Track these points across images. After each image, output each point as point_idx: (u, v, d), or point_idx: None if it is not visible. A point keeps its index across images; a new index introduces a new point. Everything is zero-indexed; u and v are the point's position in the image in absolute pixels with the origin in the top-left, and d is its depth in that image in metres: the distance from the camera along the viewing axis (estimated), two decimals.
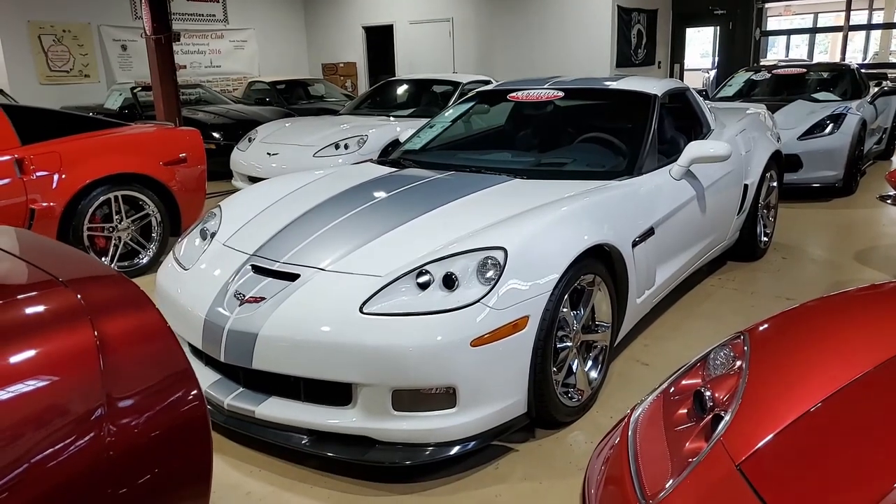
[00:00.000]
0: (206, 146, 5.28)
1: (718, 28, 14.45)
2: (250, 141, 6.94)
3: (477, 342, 2.18)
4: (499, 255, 2.33)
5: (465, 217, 2.73)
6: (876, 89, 7.95)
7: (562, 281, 2.41)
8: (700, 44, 18.90)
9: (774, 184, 4.77)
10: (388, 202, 3.00)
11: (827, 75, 8.08)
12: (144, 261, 4.73)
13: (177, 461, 1.41)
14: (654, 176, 3.31)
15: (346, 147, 6.32)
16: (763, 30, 14.40)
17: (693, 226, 3.55)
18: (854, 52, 19.07)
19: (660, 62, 13.82)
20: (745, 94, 8.09)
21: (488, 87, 4.42)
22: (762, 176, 4.40)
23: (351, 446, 2.30)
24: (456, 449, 2.26)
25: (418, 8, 13.63)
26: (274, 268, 2.56)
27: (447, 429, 2.23)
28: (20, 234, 2.00)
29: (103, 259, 4.51)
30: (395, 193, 3.09)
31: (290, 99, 11.35)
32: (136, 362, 1.38)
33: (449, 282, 2.28)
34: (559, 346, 2.53)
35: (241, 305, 2.43)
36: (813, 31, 21.50)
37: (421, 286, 2.30)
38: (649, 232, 3.06)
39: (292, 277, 2.48)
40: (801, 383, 1.41)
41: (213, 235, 2.95)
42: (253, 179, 6.21)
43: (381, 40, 14.36)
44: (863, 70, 8.27)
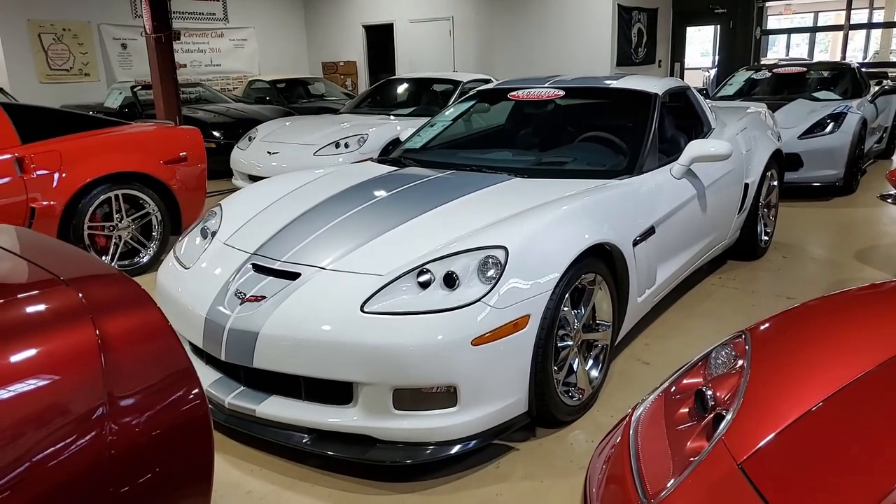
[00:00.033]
0: (207, 145, 5.28)
1: (719, 27, 14.47)
2: (250, 140, 6.94)
3: (478, 341, 2.18)
4: (500, 254, 2.33)
5: (465, 216, 2.73)
6: (876, 88, 7.95)
7: (563, 280, 2.41)
8: (700, 43, 18.92)
9: (775, 183, 4.77)
10: (388, 201, 3.00)
11: (827, 74, 8.08)
12: (145, 260, 4.73)
13: (178, 460, 1.41)
14: (654, 175, 3.31)
15: (346, 146, 6.31)
16: (763, 28, 14.39)
17: (694, 225, 3.55)
18: (854, 51, 19.07)
19: (660, 61, 13.81)
20: (746, 93, 8.09)
21: (489, 86, 4.41)
22: (763, 175, 4.40)
23: (352, 445, 2.30)
24: (457, 448, 2.26)
25: (418, 6, 13.63)
26: (275, 267, 2.56)
27: (448, 428, 2.23)
28: (21, 233, 1.99)
29: (104, 258, 4.51)
30: (395, 192, 3.09)
31: (291, 98, 11.34)
32: (137, 361, 1.38)
33: (450, 281, 2.28)
34: (560, 345, 2.53)
35: (241, 304, 2.43)
36: (813, 29, 21.50)
37: (422, 285, 2.30)
38: (650, 231, 3.06)
39: (293, 276, 2.48)
40: (802, 382, 1.41)
41: (213, 234, 2.95)
42: (253, 178, 6.21)
43: (381, 39, 14.36)
44: (863, 69, 8.26)
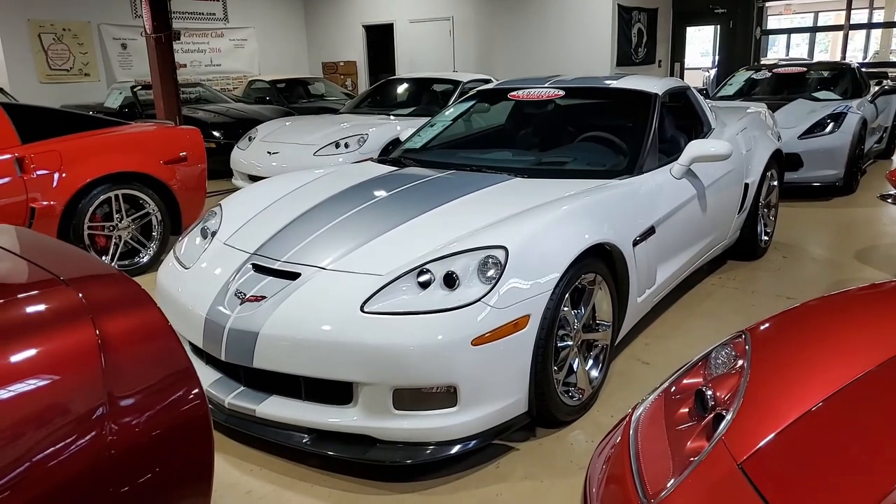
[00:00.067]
0: (207, 145, 5.28)
1: (719, 27, 14.46)
2: (250, 140, 6.94)
3: (478, 341, 2.18)
4: (500, 254, 2.33)
5: (465, 216, 2.73)
6: (876, 88, 7.95)
7: (563, 280, 2.41)
8: (700, 43, 18.92)
9: (775, 183, 4.77)
10: (388, 201, 3.00)
11: (827, 74, 8.08)
12: (145, 260, 4.73)
13: (178, 460, 1.41)
14: (654, 175, 3.31)
15: (346, 146, 6.31)
16: (763, 28, 14.40)
17: (694, 225, 3.55)
18: (854, 51, 19.06)
19: (660, 61, 13.81)
20: (746, 92, 8.09)
21: (489, 86, 4.41)
22: (763, 175, 4.40)
23: (352, 445, 2.30)
24: (457, 448, 2.26)
25: (418, 6, 13.63)
26: (275, 267, 2.56)
27: (448, 428, 2.23)
28: (21, 233, 1.99)
29: (104, 258, 4.51)
30: (395, 192, 3.09)
31: (291, 98, 11.34)
32: (137, 361, 1.38)
33: (450, 281, 2.28)
34: (560, 345, 2.53)
35: (241, 304, 2.43)
36: (813, 29, 21.50)
37: (422, 285, 2.29)
38: (650, 231, 3.06)
39: (293, 276, 2.48)
40: (802, 382, 1.41)
41: (213, 234, 2.95)
42: (253, 178, 6.21)
43: (381, 39, 14.36)
44: (863, 69, 8.26)
